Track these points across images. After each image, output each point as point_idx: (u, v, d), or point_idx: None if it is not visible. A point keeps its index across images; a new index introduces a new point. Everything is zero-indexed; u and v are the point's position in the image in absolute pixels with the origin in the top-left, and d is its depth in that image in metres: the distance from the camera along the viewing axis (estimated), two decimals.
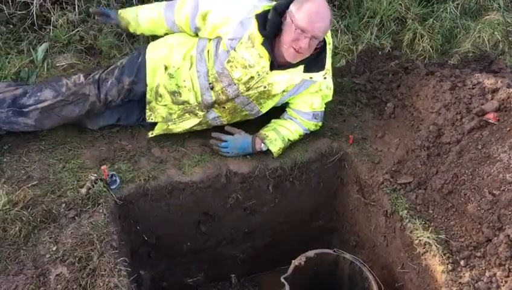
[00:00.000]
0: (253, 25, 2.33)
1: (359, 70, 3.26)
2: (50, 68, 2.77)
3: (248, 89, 2.49)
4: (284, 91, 2.53)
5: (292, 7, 2.28)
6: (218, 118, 2.62)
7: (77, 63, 2.80)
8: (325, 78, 2.54)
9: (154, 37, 2.81)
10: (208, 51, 2.46)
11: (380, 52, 3.35)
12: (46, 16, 2.86)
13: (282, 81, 2.48)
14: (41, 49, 2.80)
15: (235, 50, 2.38)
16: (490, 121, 2.38)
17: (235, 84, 2.47)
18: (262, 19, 2.33)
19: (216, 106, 2.55)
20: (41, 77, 2.73)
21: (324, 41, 2.43)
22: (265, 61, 2.40)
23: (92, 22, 2.91)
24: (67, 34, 2.86)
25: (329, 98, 2.69)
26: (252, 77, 2.44)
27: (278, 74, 2.45)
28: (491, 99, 2.46)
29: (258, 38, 2.34)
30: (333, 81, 2.64)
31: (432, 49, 3.30)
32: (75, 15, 2.87)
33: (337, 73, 3.13)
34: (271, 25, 2.32)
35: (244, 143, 2.59)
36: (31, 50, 2.81)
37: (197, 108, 2.56)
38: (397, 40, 3.42)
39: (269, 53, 2.37)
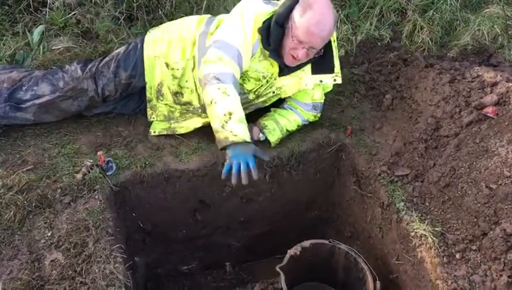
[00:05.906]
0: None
1: (358, 60, 3.24)
2: (46, 51, 2.73)
3: (258, 97, 2.49)
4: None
5: (295, 12, 2.20)
6: None
7: (73, 47, 2.76)
8: (335, 80, 2.52)
9: (153, 24, 2.77)
10: None
11: (379, 43, 3.33)
12: None
13: (290, 84, 2.47)
14: (37, 31, 2.76)
15: None
16: (489, 114, 2.38)
17: (245, 94, 2.46)
18: (265, 33, 2.28)
19: None
20: (37, 60, 2.69)
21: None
22: (275, 68, 2.41)
23: (89, 6, 2.86)
24: (64, 17, 2.82)
25: (330, 89, 2.68)
26: (262, 85, 2.44)
27: (285, 78, 2.45)
28: (490, 93, 2.46)
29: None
30: None
31: (431, 41, 3.29)
32: None
33: None
34: (274, 39, 2.28)
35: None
36: (27, 32, 2.77)
37: (199, 110, 2.54)
38: (397, 31, 3.41)
39: (277, 62, 2.38)
